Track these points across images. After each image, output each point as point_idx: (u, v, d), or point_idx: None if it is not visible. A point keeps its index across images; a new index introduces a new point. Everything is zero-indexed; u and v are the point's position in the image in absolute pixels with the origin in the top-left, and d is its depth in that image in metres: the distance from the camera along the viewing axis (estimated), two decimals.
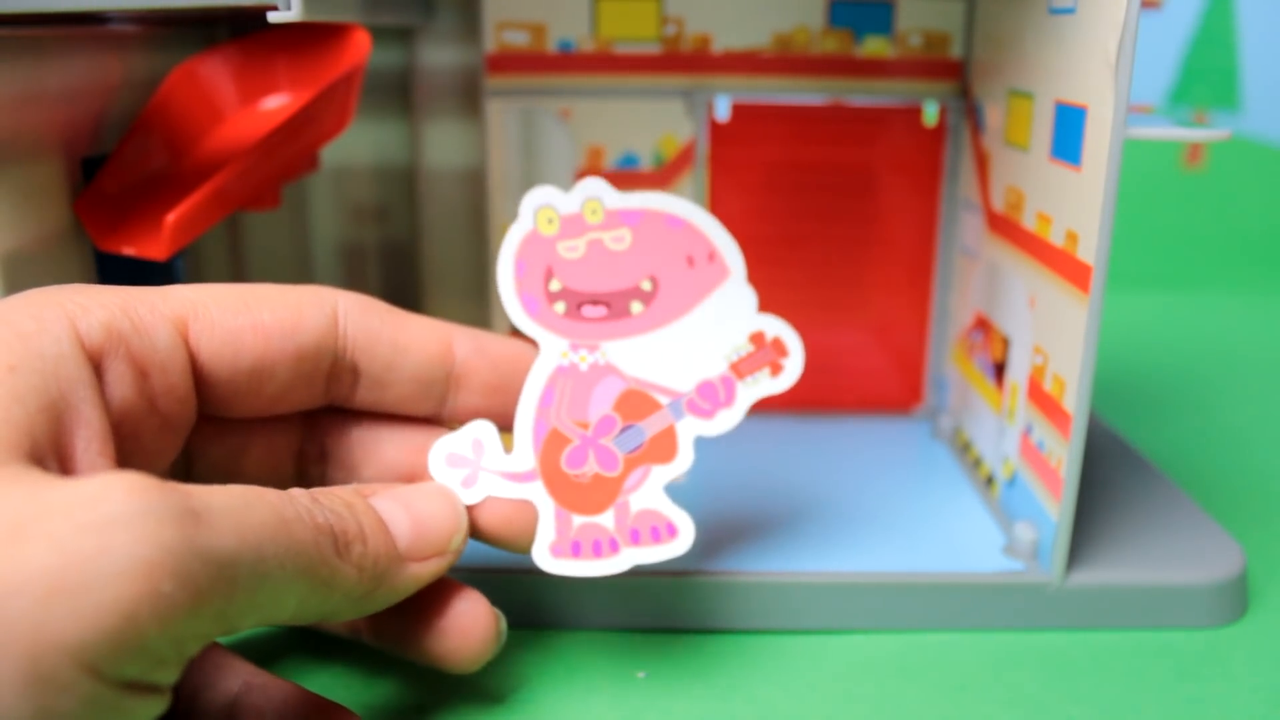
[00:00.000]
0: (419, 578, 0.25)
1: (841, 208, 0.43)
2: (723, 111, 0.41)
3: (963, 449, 0.40)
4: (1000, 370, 0.36)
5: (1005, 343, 0.36)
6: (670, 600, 0.31)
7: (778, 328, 0.29)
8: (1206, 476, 0.42)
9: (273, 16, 0.27)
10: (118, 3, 0.27)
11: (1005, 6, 0.36)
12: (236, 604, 0.20)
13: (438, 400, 0.28)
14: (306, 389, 0.27)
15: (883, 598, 0.31)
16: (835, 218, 0.43)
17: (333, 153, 0.43)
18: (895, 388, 0.45)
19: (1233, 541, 0.34)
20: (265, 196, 0.34)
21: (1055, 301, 0.31)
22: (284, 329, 0.26)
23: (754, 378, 0.28)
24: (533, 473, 0.28)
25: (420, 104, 0.45)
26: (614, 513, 0.28)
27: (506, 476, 0.28)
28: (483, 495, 0.27)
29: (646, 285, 0.29)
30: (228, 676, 0.25)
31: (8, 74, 0.27)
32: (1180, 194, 0.76)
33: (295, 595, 0.21)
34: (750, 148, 0.42)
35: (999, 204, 0.37)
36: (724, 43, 0.41)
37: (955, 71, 0.41)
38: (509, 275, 0.29)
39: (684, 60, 0.41)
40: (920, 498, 0.37)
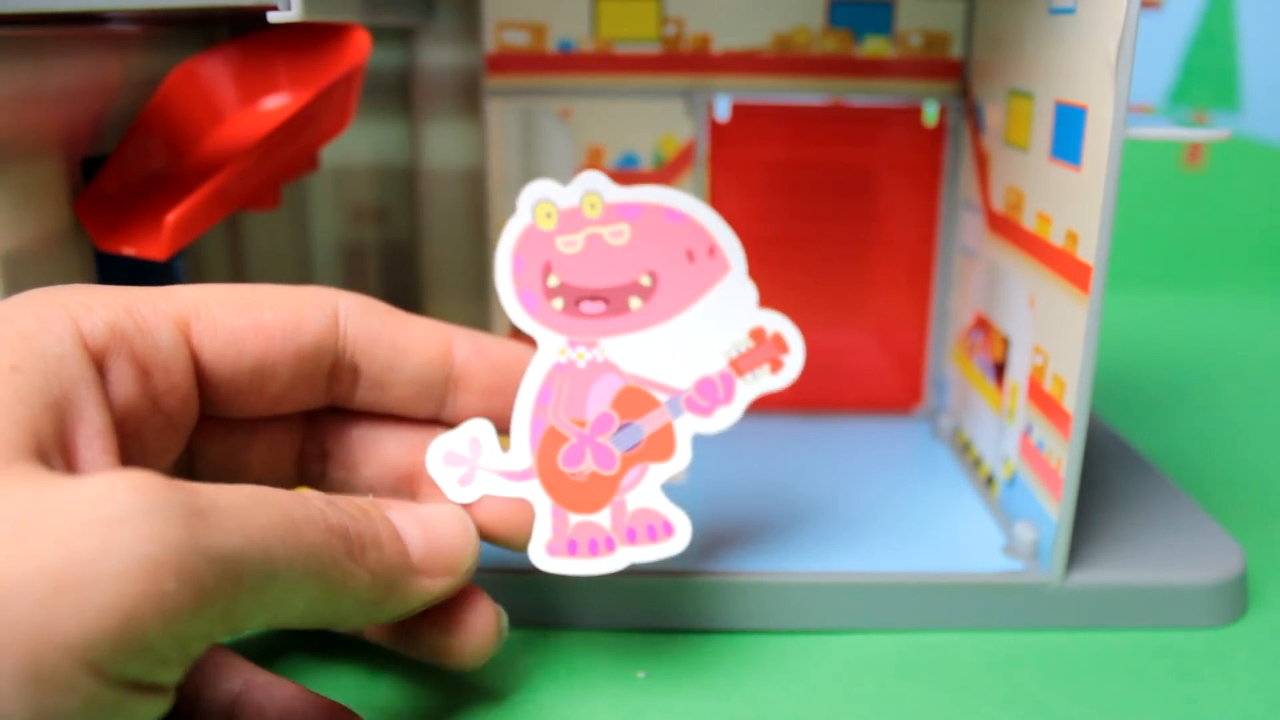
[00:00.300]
0: (430, 593, 0.25)
1: (841, 208, 0.43)
2: (723, 111, 0.41)
3: (963, 449, 0.40)
4: (1000, 370, 0.36)
5: (1005, 343, 0.36)
6: (670, 600, 0.31)
7: (778, 324, 0.28)
8: (1206, 476, 0.42)
9: (273, 16, 0.27)
10: (118, 3, 0.27)
11: (1005, 6, 0.36)
12: (242, 604, 0.19)
13: (438, 401, 0.28)
14: (307, 389, 0.27)
15: (883, 598, 0.31)
16: (835, 218, 0.43)
17: (333, 153, 0.43)
18: (895, 388, 0.45)
19: (1233, 541, 0.34)
20: (265, 196, 0.34)
21: (1055, 301, 0.31)
22: (285, 329, 0.26)
23: (754, 374, 0.28)
24: (529, 471, 0.28)
25: (420, 104, 0.45)
26: (610, 511, 0.28)
27: (503, 475, 0.28)
28: (479, 493, 0.27)
29: (646, 280, 0.28)
30: (229, 676, 0.25)
31: (8, 74, 0.27)
32: (1180, 194, 0.76)
33: (304, 597, 0.21)
34: (750, 148, 0.42)
35: (999, 204, 0.37)
36: (724, 43, 0.41)
37: (955, 71, 0.41)
38: (506, 271, 0.29)
39: (684, 60, 0.41)
40: (920, 498, 0.37)
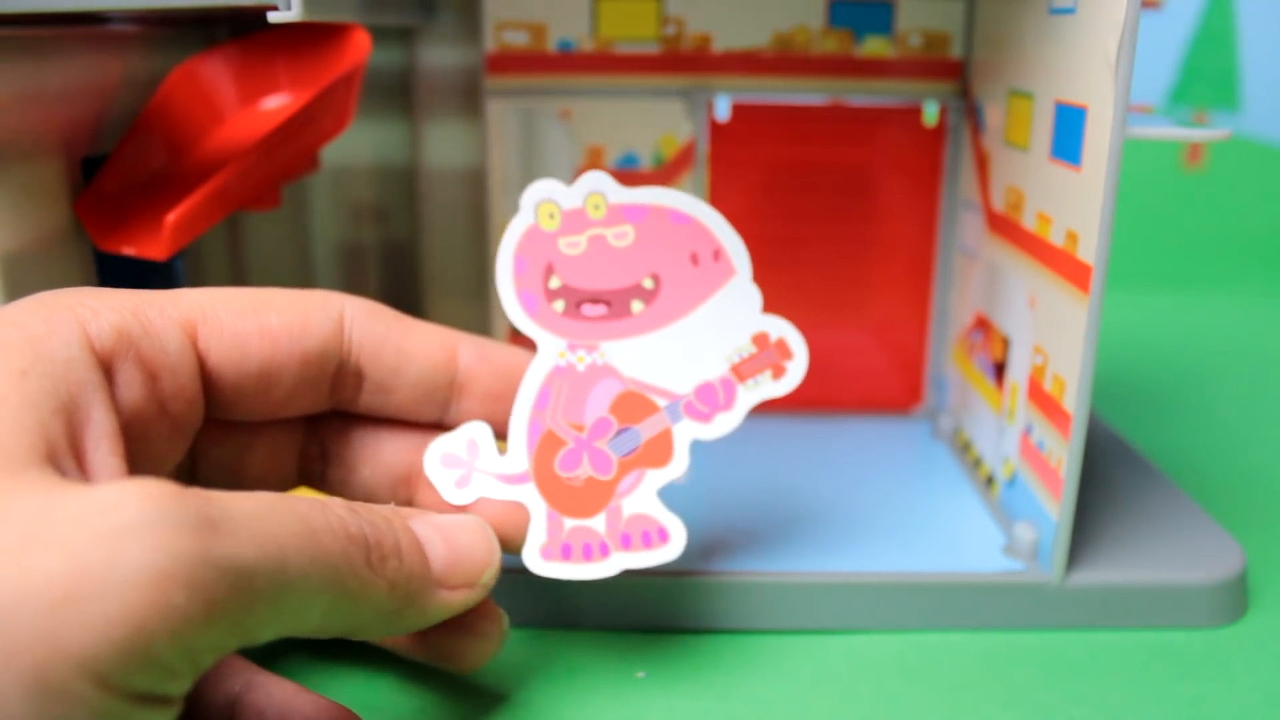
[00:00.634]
0: (449, 605, 0.25)
1: (841, 208, 0.43)
2: (723, 111, 0.41)
3: (963, 449, 0.40)
4: (1000, 370, 0.36)
5: (1005, 343, 0.36)
6: (669, 600, 0.31)
7: (782, 329, 0.28)
8: (1206, 476, 0.42)
9: (273, 16, 0.27)
10: (118, 3, 0.27)
11: (1005, 6, 0.36)
12: (256, 615, 0.19)
13: (441, 406, 0.28)
14: (312, 392, 0.27)
15: (883, 598, 0.31)
16: (835, 218, 0.43)
17: (333, 153, 0.43)
18: (895, 388, 0.45)
19: (1233, 541, 0.34)
20: (265, 196, 0.34)
21: (1055, 301, 0.31)
22: (291, 333, 0.26)
23: (755, 380, 0.28)
24: (526, 474, 0.28)
25: (420, 104, 0.45)
26: (606, 516, 0.28)
27: (500, 478, 0.28)
28: (475, 496, 0.27)
29: (648, 283, 0.28)
30: (229, 676, 0.25)
31: (8, 74, 0.27)
32: (1180, 194, 0.76)
33: (320, 607, 0.21)
34: (750, 148, 0.42)
35: (999, 204, 0.37)
36: (724, 43, 0.41)
37: (955, 71, 0.41)
38: (508, 272, 0.28)
39: (684, 60, 0.41)
40: (920, 498, 0.37)
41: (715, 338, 0.28)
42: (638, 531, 0.28)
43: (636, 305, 0.28)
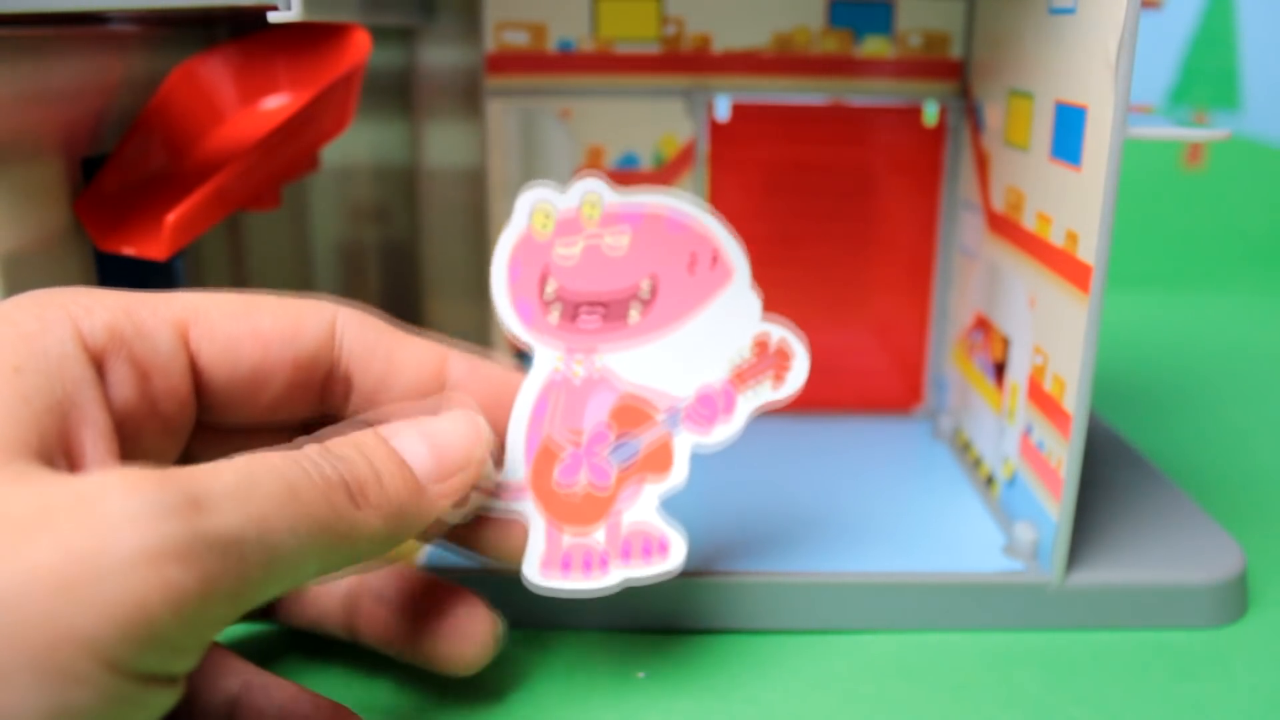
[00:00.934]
0: (446, 499, 0.25)
1: (841, 208, 0.43)
2: (723, 111, 0.41)
3: (963, 449, 0.40)
4: (1000, 370, 0.36)
5: (1005, 343, 0.36)
6: (670, 600, 0.31)
7: (782, 334, 0.28)
8: (1206, 476, 0.42)
9: (273, 16, 0.27)
10: (118, 3, 0.27)
11: (1005, 6, 0.36)
12: (251, 582, 0.20)
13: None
14: (301, 398, 0.27)
15: (883, 598, 0.31)
16: (835, 218, 0.43)
17: (333, 153, 0.43)
18: (895, 388, 0.45)
19: (1233, 541, 0.34)
20: (265, 196, 0.34)
21: (1055, 301, 0.31)
22: (283, 336, 0.26)
23: (755, 387, 0.27)
24: (524, 487, 0.27)
25: (420, 104, 0.45)
26: (605, 528, 0.27)
27: (497, 492, 0.27)
28: (473, 510, 0.27)
29: (646, 289, 0.28)
30: (227, 676, 0.25)
31: (8, 74, 0.27)
32: (1180, 194, 0.76)
33: (315, 557, 0.21)
34: (750, 148, 0.42)
35: (999, 204, 0.37)
36: (724, 43, 0.41)
37: (955, 71, 0.41)
38: (502, 279, 0.28)
39: (684, 60, 0.41)
40: (920, 498, 0.37)
41: (714, 344, 0.28)
42: (638, 543, 0.27)
43: (634, 312, 0.28)
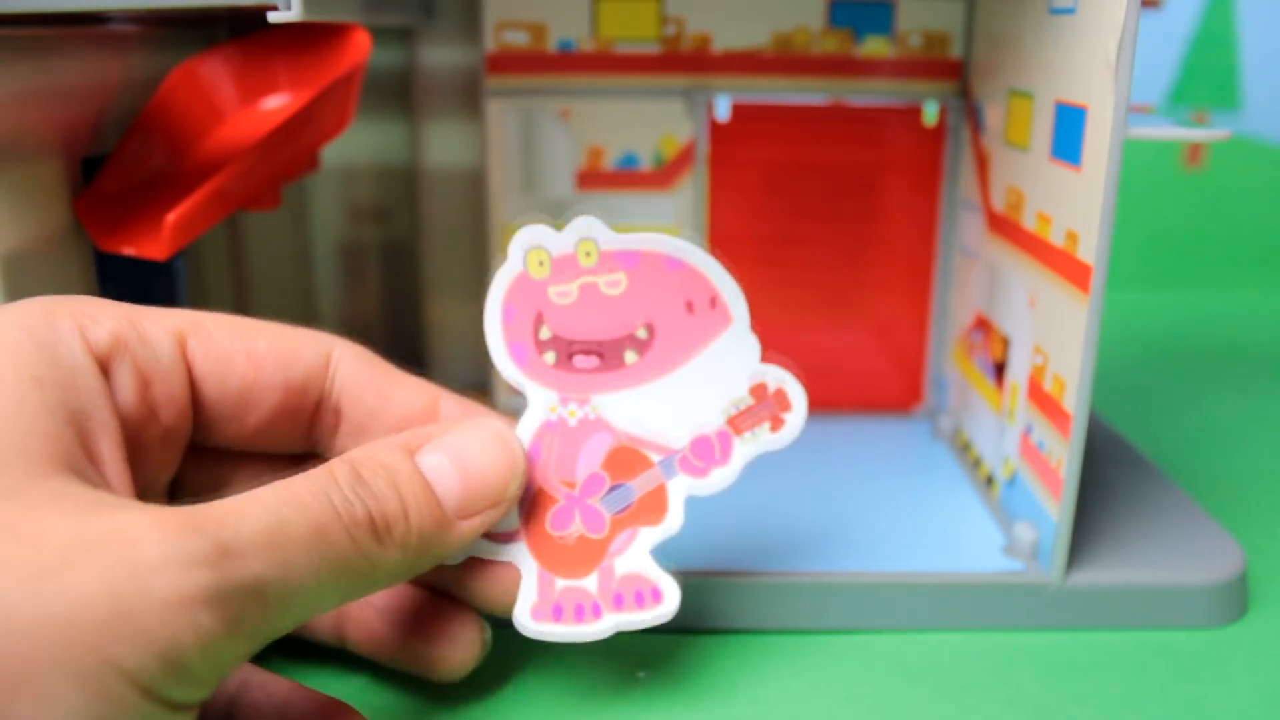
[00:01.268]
0: (471, 534, 0.25)
1: (841, 208, 0.43)
2: (723, 111, 0.41)
3: (963, 449, 0.40)
4: (1000, 370, 0.36)
5: (1005, 343, 0.36)
6: None
7: (780, 378, 0.27)
8: (1206, 476, 0.42)
9: (273, 16, 0.27)
10: (118, 3, 0.27)
11: (1005, 6, 0.36)
12: (271, 621, 0.20)
13: None
14: (290, 426, 0.27)
15: (883, 598, 0.31)
16: (835, 218, 0.43)
17: (333, 153, 0.43)
18: (895, 388, 0.45)
19: (1233, 541, 0.34)
20: (265, 196, 0.34)
21: (1055, 301, 0.31)
22: (277, 360, 0.26)
23: (753, 433, 0.27)
24: (516, 533, 0.27)
25: (420, 104, 0.45)
26: (598, 576, 0.27)
27: (490, 537, 0.27)
28: (465, 555, 0.27)
29: (642, 333, 0.27)
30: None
31: (8, 74, 0.27)
32: (1180, 194, 0.76)
33: (335, 593, 0.22)
34: (750, 148, 0.42)
35: (999, 204, 0.37)
36: (724, 43, 0.41)
37: (955, 71, 0.41)
38: (496, 322, 0.27)
39: (684, 60, 0.41)
40: (920, 498, 0.37)
41: (711, 389, 0.27)
42: (630, 591, 0.27)
43: (630, 356, 0.27)
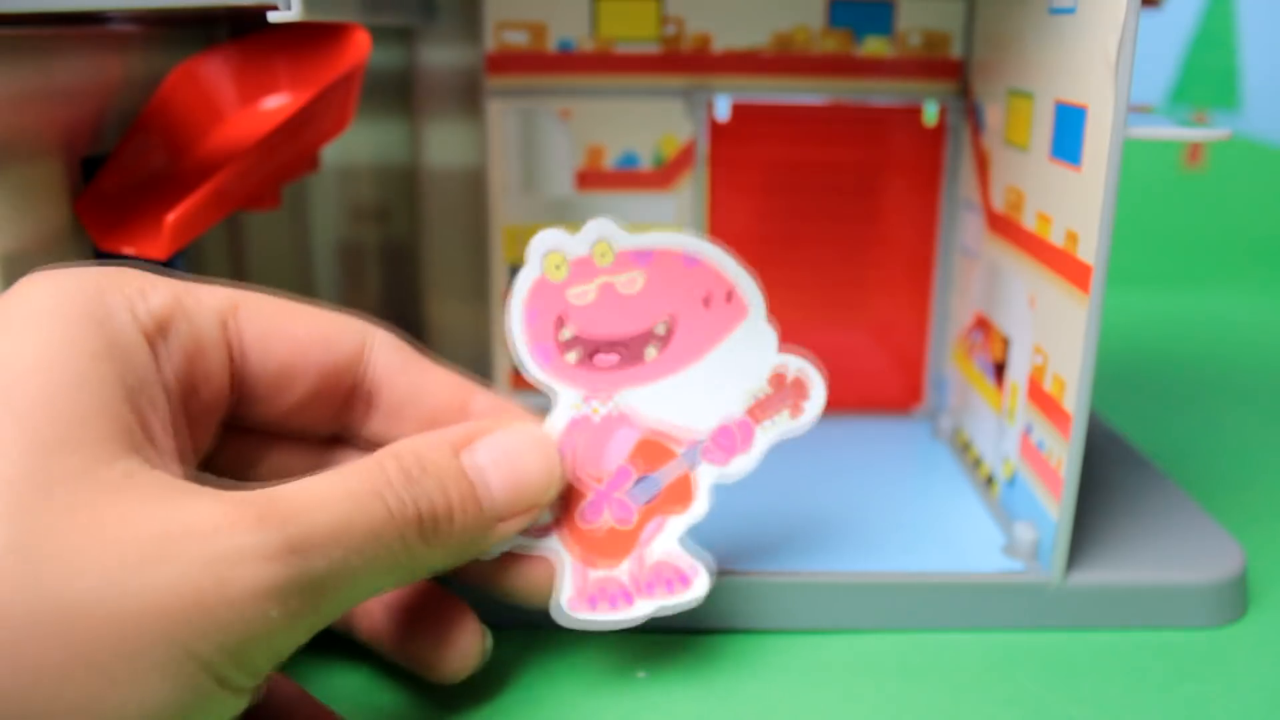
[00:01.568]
0: (506, 535, 0.26)
1: (841, 208, 0.43)
2: (723, 111, 0.41)
3: (963, 449, 0.40)
4: (1000, 370, 0.36)
5: (1005, 343, 0.36)
6: None
7: (799, 366, 0.28)
8: (1206, 476, 0.42)
9: (273, 16, 0.27)
10: (118, 3, 0.27)
11: (1005, 6, 0.36)
12: (324, 615, 0.22)
13: None
14: (323, 408, 0.27)
15: (883, 598, 0.31)
16: (835, 218, 0.43)
17: (333, 153, 0.43)
18: (895, 388, 0.45)
19: (1233, 541, 0.34)
20: (265, 196, 0.34)
21: (1055, 301, 0.31)
22: (315, 341, 0.26)
23: (773, 420, 0.28)
24: (550, 527, 0.28)
25: (420, 104, 0.45)
26: (629, 564, 0.28)
27: (524, 532, 0.27)
28: (500, 551, 0.27)
29: (661, 329, 0.28)
30: None
31: (8, 74, 0.27)
32: (1180, 194, 0.76)
33: (375, 587, 0.23)
34: (750, 148, 0.42)
35: (999, 204, 0.37)
36: (724, 42, 0.41)
37: (955, 71, 0.41)
38: (519, 325, 0.28)
39: (684, 60, 0.41)
40: (920, 498, 0.37)
41: (731, 379, 0.28)
42: (661, 578, 0.28)
43: (650, 351, 0.28)
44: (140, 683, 0.19)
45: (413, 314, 0.48)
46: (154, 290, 0.23)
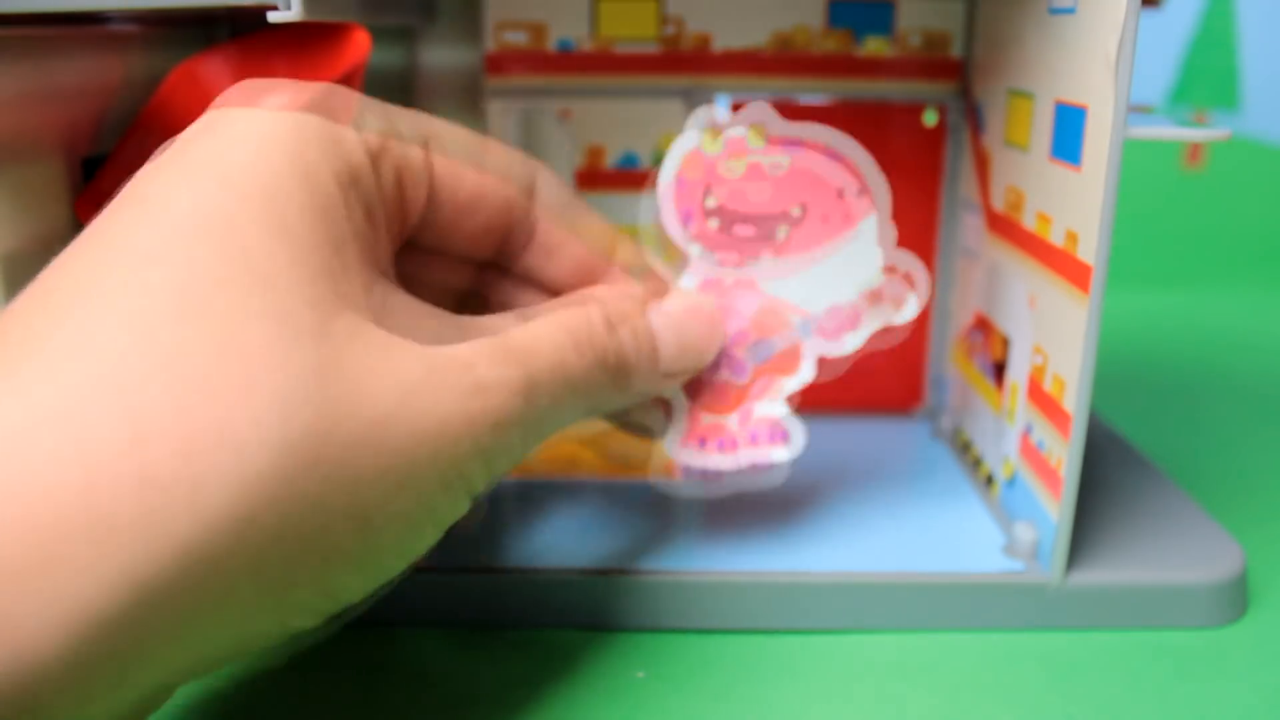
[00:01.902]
0: (666, 390, 0.29)
1: None
2: (723, 112, 0.41)
3: (963, 449, 0.40)
4: (1000, 370, 0.36)
5: (1005, 343, 0.36)
6: (670, 600, 0.31)
7: (910, 264, 0.31)
8: (1206, 476, 0.42)
9: (273, 16, 0.27)
10: (118, 3, 0.27)
11: (1005, 6, 0.36)
12: (536, 443, 0.25)
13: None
14: (491, 237, 0.28)
15: (883, 598, 0.31)
16: None
17: None
18: (895, 388, 0.45)
19: (1233, 541, 0.34)
20: None
21: (1055, 301, 0.31)
22: (497, 174, 0.28)
23: (879, 308, 0.31)
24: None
25: (420, 104, 0.45)
26: (738, 415, 0.31)
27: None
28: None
29: (796, 211, 0.30)
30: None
31: (8, 74, 0.27)
32: (1180, 194, 0.76)
33: (569, 421, 0.26)
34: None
35: (999, 204, 0.37)
36: (724, 42, 0.41)
37: (955, 71, 0.41)
38: (670, 185, 0.31)
39: (684, 60, 0.41)
40: (920, 498, 0.37)
41: (849, 267, 0.31)
42: (764, 430, 0.31)
43: (782, 231, 0.31)
44: (425, 494, 0.21)
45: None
46: (370, 114, 0.24)
